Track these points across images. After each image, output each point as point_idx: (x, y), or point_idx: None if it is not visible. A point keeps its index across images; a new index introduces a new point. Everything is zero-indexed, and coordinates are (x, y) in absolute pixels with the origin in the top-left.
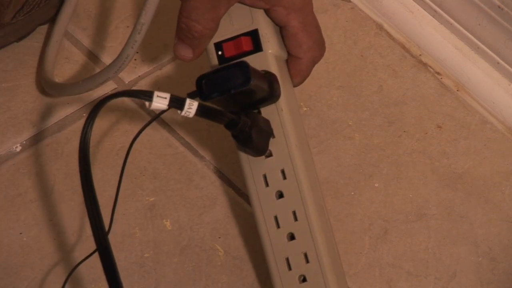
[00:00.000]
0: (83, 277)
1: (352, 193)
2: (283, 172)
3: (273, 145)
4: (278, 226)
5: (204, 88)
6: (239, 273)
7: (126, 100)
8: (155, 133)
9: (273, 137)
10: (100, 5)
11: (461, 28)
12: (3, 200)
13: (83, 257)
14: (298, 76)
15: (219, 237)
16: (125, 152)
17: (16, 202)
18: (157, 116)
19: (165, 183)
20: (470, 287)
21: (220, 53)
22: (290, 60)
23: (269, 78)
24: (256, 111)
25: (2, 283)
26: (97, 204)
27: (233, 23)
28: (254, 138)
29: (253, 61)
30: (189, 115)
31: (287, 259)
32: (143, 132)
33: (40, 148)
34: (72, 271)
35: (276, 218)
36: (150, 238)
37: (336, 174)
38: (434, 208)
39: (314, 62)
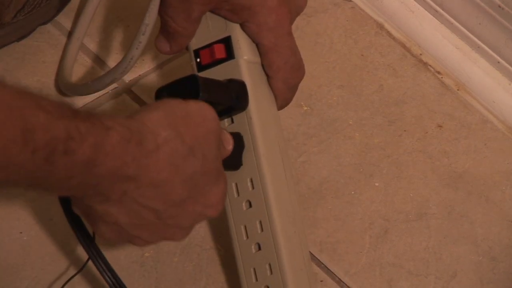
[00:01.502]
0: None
1: (353, 192)
2: (251, 181)
3: (243, 154)
4: (247, 236)
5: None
6: None
7: (127, 99)
8: None
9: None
10: (101, 4)
11: (461, 28)
12: (4, 199)
13: (84, 257)
14: (275, 94)
15: (220, 236)
16: None
17: (17, 202)
18: None
19: None
20: (470, 287)
21: (198, 60)
22: (267, 75)
23: (234, 87)
24: (229, 119)
25: (2, 283)
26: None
27: (210, 30)
28: None
29: (226, 69)
30: None
31: (254, 270)
32: None
33: None
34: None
35: (245, 227)
36: None
37: (336, 174)
38: (434, 207)
39: (288, 84)
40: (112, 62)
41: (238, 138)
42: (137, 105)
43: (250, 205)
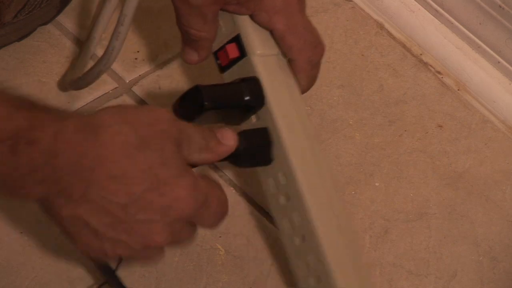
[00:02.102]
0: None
1: (353, 192)
2: (284, 175)
3: (273, 149)
4: (291, 229)
5: (179, 113)
6: (239, 272)
7: (127, 99)
8: None
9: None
10: (101, 4)
11: (462, 27)
12: (4, 199)
13: (84, 257)
14: (300, 76)
15: (220, 236)
16: None
17: (17, 201)
18: None
19: None
20: (470, 286)
21: (219, 62)
22: (288, 60)
23: (247, 86)
24: (255, 115)
25: (3, 282)
26: None
27: (223, 31)
28: (242, 160)
29: (242, 67)
30: None
31: (303, 261)
32: None
33: None
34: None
35: (288, 220)
36: None
37: (337, 173)
38: (434, 207)
39: (311, 61)
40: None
41: (264, 133)
42: (137, 105)
43: (288, 199)
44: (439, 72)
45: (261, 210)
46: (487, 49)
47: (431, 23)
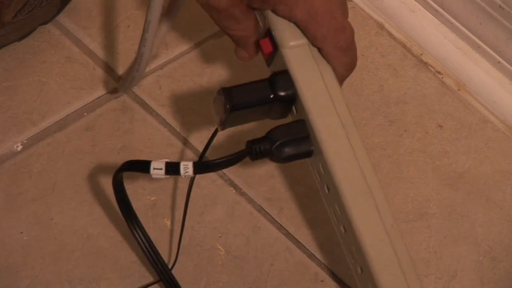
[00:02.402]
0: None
1: None
2: (322, 166)
3: (311, 140)
4: (336, 219)
5: (214, 117)
6: (239, 272)
7: (127, 99)
8: (156, 132)
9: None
10: (101, 4)
11: (462, 27)
12: (4, 199)
13: (84, 257)
14: (333, 64)
15: (220, 236)
16: (126, 151)
17: (17, 201)
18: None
19: (166, 182)
20: (470, 286)
21: (263, 58)
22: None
23: (278, 80)
24: (293, 109)
25: (3, 282)
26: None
27: (261, 27)
28: (277, 156)
29: (277, 61)
30: (190, 175)
31: (349, 250)
32: (144, 132)
33: (41, 147)
34: None
35: (332, 210)
36: (151, 237)
37: None
38: (435, 207)
39: (339, 48)
40: (113, 61)
41: (300, 126)
42: (137, 105)
43: (328, 189)
44: (439, 72)
45: (261, 210)
46: (487, 49)
47: (431, 23)
